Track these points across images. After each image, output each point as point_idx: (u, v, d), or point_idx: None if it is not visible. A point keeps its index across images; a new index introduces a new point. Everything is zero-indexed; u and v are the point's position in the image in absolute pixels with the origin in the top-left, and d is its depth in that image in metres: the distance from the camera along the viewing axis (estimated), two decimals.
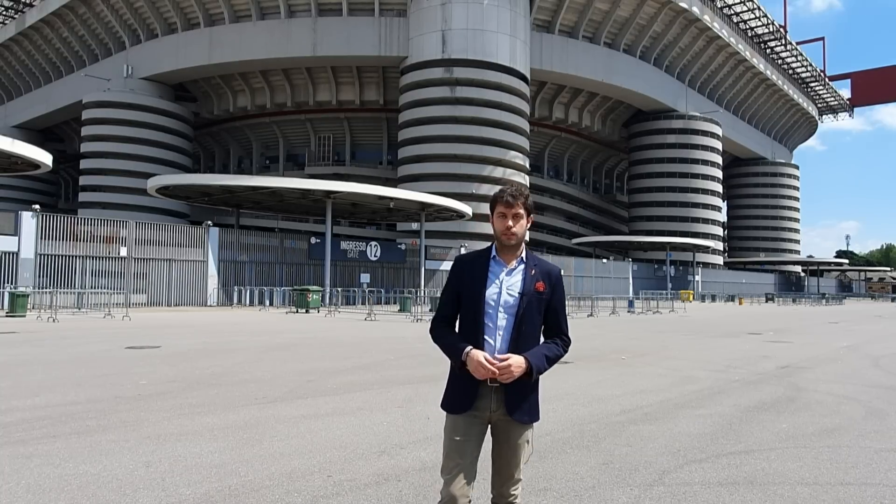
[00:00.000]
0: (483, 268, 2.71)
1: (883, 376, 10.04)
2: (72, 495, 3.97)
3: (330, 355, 11.66)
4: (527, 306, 2.66)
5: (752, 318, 28.45)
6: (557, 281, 2.76)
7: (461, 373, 2.68)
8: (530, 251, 2.79)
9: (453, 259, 2.97)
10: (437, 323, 2.79)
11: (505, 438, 2.73)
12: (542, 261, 2.80)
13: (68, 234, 27.12)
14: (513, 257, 2.73)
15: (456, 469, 2.65)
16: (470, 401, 2.68)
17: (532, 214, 2.78)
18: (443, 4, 49.19)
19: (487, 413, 2.69)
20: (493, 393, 2.66)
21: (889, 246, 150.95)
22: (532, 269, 2.72)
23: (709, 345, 15.05)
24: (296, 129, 62.83)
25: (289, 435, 5.56)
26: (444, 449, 2.74)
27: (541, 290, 2.69)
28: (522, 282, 2.68)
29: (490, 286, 2.68)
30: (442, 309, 2.80)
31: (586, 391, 8.07)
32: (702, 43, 67.34)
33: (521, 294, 2.66)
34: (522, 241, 2.75)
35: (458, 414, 2.70)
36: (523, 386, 2.67)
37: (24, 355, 10.90)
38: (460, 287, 2.74)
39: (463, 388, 2.69)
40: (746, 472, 4.72)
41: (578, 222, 71.30)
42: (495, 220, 2.73)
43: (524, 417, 2.70)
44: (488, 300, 2.66)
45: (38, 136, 68.11)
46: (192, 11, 54.75)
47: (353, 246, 37.25)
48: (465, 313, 2.72)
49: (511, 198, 2.69)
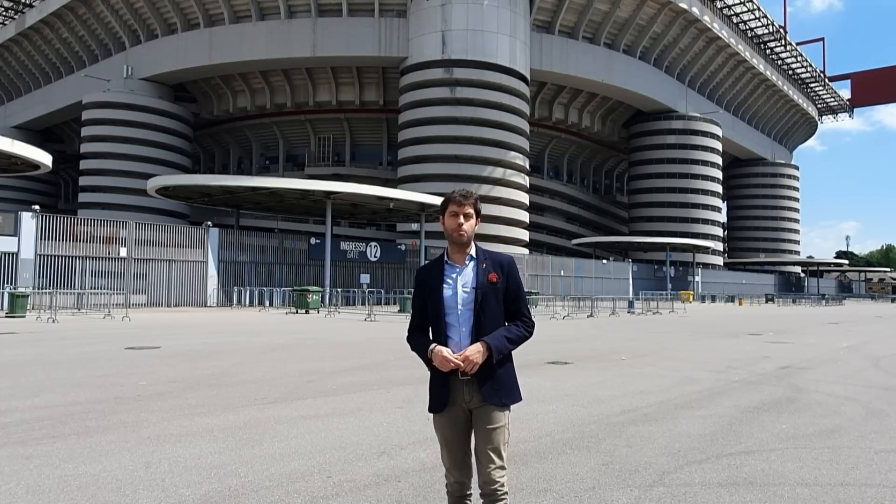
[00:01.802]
0: (439, 272, 2.90)
1: (883, 377, 10.04)
2: (71, 496, 3.97)
3: (330, 356, 11.66)
4: (483, 299, 2.83)
5: (752, 319, 28.44)
6: (510, 269, 2.91)
7: (433, 372, 2.88)
8: (479, 247, 2.94)
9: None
10: (411, 332, 3.00)
11: (481, 425, 2.86)
12: (493, 253, 2.97)
13: (68, 234, 27.11)
14: (463, 256, 2.90)
15: (450, 463, 2.92)
16: (446, 397, 2.86)
17: (480, 217, 2.94)
18: (443, 5, 49.20)
19: (464, 405, 2.86)
20: (464, 385, 2.83)
21: (889, 246, 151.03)
22: (483, 263, 2.88)
23: (709, 345, 15.04)
24: (296, 130, 62.85)
25: (288, 436, 5.56)
26: (440, 445, 2.97)
27: (494, 281, 2.85)
28: (475, 276, 2.86)
29: (446, 288, 2.86)
30: (413, 319, 3.00)
31: (586, 392, 8.07)
32: (702, 43, 67.36)
33: (474, 288, 2.84)
34: (471, 239, 2.90)
35: (439, 412, 2.89)
36: (491, 371, 2.82)
37: (24, 356, 10.90)
38: (425, 293, 2.93)
39: (438, 387, 2.89)
40: (746, 472, 4.72)
41: (578, 223, 71.31)
42: (447, 219, 2.88)
43: (495, 400, 2.84)
44: (447, 302, 2.85)
45: (38, 137, 68.11)
46: (192, 12, 54.75)
47: (352, 246, 37.25)
48: (431, 316, 2.91)
49: (462, 198, 2.88)
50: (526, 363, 10.54)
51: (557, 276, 50.29)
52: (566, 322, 23.45)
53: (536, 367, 10.37)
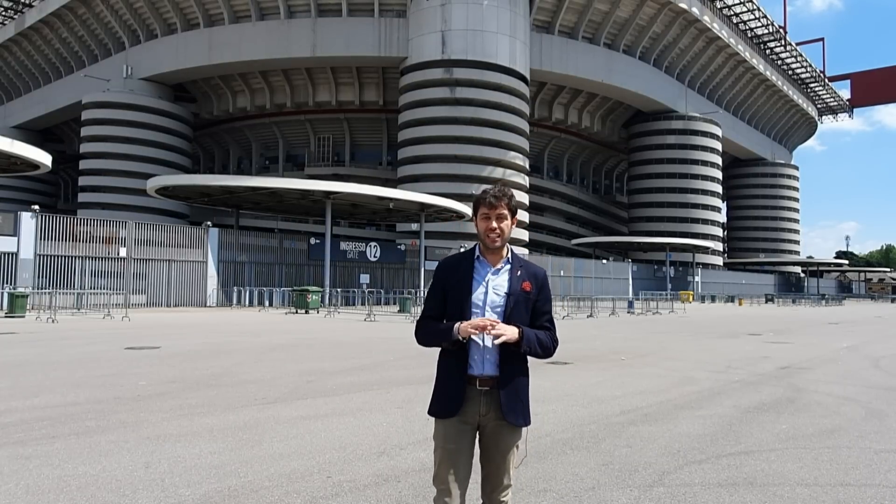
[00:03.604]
0: (468, 269, 2.66)
1: (883, 377, 10.04)
2: (71, 496, 3.97)
3: (329, 356, 11.66)
4: (514, 306, 2.62)
5: (752, 319, 28.44)
6: (544, 282, 2.73)
7: (444, 372, 2.64)
8: (515, 253, 2.75)
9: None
10: (422, 321, 2.74)
11: (495, 443, 2.65)
12: (528, 262, 2.77)
13: (68, 234, 27.10)
14: (498, 258, 2.69)
15: (451, 478, 2.60)
16: (458, 405, 2.60)
17: (517, 215, 2.72)
18: (442, 5, 49.20)
19: (476, 417, 2.62)
20: (481, 396, 2.60)
21: (889, 246, 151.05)
22: (518, 270, 2.68)
23: (708, 346, 15.04)
24: (295, 130, 62.84)
25: (288, 436, 5.55)
26: (436, 457, 2.66)
27: (527, 290, 2.66)
28: (509, 282, 2.65)
29: (476, 287, 2.63)
30: (428, 310, 2.74)
31: (586, 392, 8.06)
32: (701, 44, 67.37)
33: (507, 294, 2.63)
34: (507, 242, 2.70)
35: (446, 419, 2.63)
36: (516, 385, 2.63)
37: (24, 356, 10.89)
38: (446, 288, 2.68)
39: (450, 391, 2.62)
40: (746, 472, 4.72)
41: (578, 223, 71.30)
42: (479, 221, 2.67)
43: (519, 420, 2.64)
44: (475, 301, 2.62)
45: (38, 137, 68.11)
46: (192, 12, 54.74)
47: (352, 247, 37.25)
48: (451, 314, 2.65)
49: (494, 199, 2.63)
50: None
51: (557, 276, 50.27)
52: (566, 322, 23.44)
53: (536, 367, 10.33)
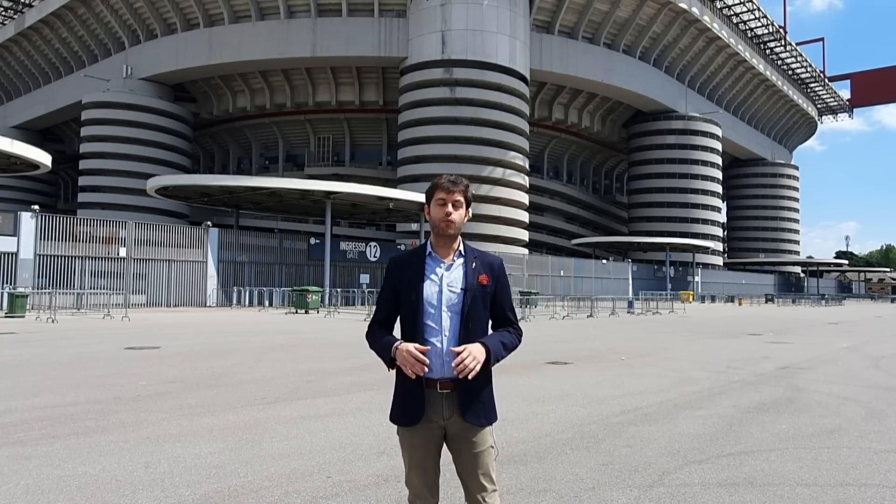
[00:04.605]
0: (419, 265, 2.51)
1: (883, 377, 10.03)
2: (71, 496, 3.96)
3: (329, 356, 11.66)
4: (472, 302, 2.46)
5: (752, 319, 28.44)
6: (500, 272, 2.57)
7: (400, 377, 2.48)
8: (467, 243, 2.58)
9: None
10: (371, 327, 2.58)
11: (466, 448, 2.50)
12: (483, 252, 2.62)
13: (67, 234, 27.09)
14: (450, 251, 2.52)
15: (421, 483, 2.52)
16: (420, 410, 2.44)
17: (470, 207, 2.57)
18: (442, 5, 49.21)
19: (441, 421, 2.47)
20: (443, 399, 2.44)
21: (889, 246, 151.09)
22: (472, 262, 2.52)
23: (708, 346, 15.04)
24: (295, 130, 62.85)
25: (288, 436, 5.55)
26: (404, 461, 2.56)
27: (484, 284, 2.50)
28: (464, 276, 2.48)
29: (430, 286, 2.47)
30: (378, 311, 2.59)
31: (586, 392, 8.06)
32: (701, 44, 67.38)
33: (463, 290, 2.46)
34: (459, 232, 2.54)
35: (409, 426, 2.48)
36: (476, 382, 2.44)
37: (23, 356, 10.89)
38: (398, 288, 2.53)
39: (410, 397, 2.46)
40: (746, 472, 4.72)
41: (578, 223, 71.31)
42: (433, 208, 2.52)
43: (480, 420, 2.48)
44: (428, 300, 2.45)
45: (38, 137, 68.12)
46: (192, 12, 54.75)
47: (352, 246, 37.26)
48: (404, 316, 2.51)
49: (451, 184, 2.50)
50: (525, 363, 10.54)
51: (557, 277, 50.27)
52: (566, 322, 23.43)
53: (536, 367, 10.36)
